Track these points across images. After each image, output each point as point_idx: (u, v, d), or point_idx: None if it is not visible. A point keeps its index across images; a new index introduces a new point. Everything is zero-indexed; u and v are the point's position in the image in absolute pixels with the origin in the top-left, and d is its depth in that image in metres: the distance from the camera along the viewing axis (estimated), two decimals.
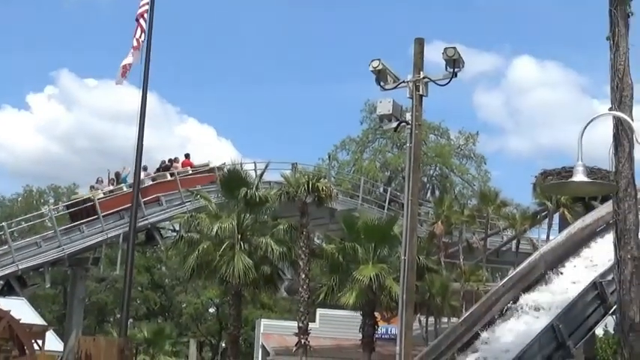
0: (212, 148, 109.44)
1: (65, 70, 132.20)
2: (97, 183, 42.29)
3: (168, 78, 76.16)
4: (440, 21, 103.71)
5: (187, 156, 44.58)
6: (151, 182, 41.27)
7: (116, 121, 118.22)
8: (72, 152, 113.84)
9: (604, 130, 16.28)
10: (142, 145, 32.57)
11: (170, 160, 43.43)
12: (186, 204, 40.65)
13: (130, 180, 39.36)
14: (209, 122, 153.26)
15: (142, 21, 35.03)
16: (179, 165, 42.89)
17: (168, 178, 41.35)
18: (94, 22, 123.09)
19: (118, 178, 41.97)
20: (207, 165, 43.11)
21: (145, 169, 40.91)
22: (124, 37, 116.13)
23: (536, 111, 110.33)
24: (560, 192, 23.93)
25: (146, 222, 40.15)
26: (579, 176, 11.22)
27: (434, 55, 21.46)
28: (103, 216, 39.09)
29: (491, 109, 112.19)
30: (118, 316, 67.13)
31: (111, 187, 41.41)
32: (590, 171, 13.27)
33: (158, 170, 42.71)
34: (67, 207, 41.36)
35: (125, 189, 40.24)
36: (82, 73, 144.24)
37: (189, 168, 42.91)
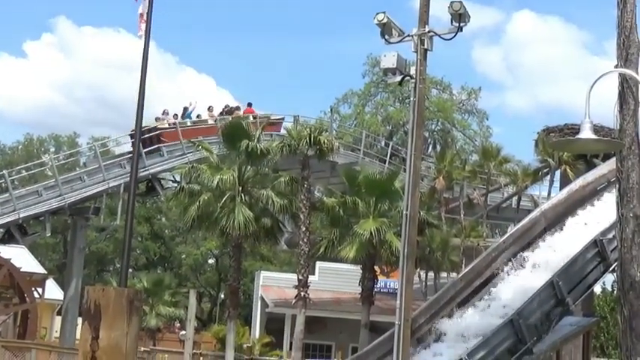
0: (211, 99, 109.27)
1: (62, 17, 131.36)
2: (162, 114, 43.37)
3: (167, 26, 75.92)
4: None
5: (250, 105, 45.98)
6: (212, 122, 42.57)
7: (115, 70, 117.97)
8: (71, 101, 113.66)
9: (607, 88, 16.18)
10: (143, 95, 32.40)
11: (234, 108, 45.12)
12: (188, 155, 40.63)
13: (194, 116, 42.78)
14: (208, 72, 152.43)
15: None
16: (240, 113, 43.97)
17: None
18: None
19: (184, 113, 43.58)
20: (269, 117, 43.86)
21: (211, 109, 43.81)
22: None
23: (536, 67, 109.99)
24: (564, 148, 23.87)
25: (147, 172, 40.18)
26: (586, 133, 11.15)
27: (434, 9, 21.27)
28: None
29: (491, 64, 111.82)
30: (118, 265, 67.45)
31: (174, 120, 42.74)
32: (594, 128, 13.19)
33: (221, 114, 43.83)
34: (131, 136, 41.73)
35: (189, 123, 42.11)
36: (80, 21, 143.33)
37: (250, 115, 43.88)
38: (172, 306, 49.60)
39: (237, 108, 44.85)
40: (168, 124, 42.38)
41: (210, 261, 79.35)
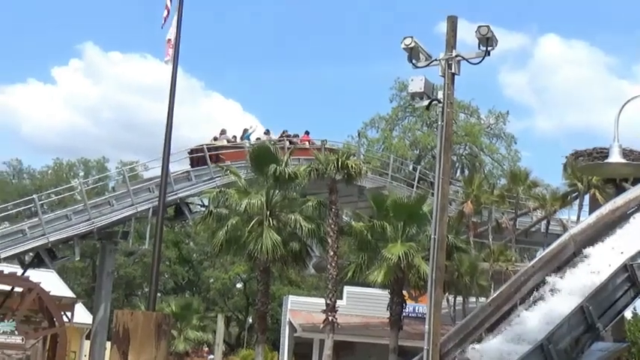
0: (238, 124, 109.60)
1: (90, 44, 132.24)
2: (220, 134, 44.02)
3: (192, 51, 76.39)
4: (465, 0, 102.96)
5: (307, 133, 46.63)
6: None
7: (141, 95, 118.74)
8: (98, 125, 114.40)
9: (637, 111, 16.09)
10: (171, 119, 32.52)
11: (292, 135, 45.77)
12: (216, 179, 40.73)
13: (253, 138, 43.23)
14: (234, 97, 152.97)
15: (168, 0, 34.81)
16: (297, 141, 44.95)
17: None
18: None
19: (244, 134, 44.07)
20: (325, 142, 44.33)
21: (268, 133, 44.68)
22: (147, 10, 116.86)
23: (562, 90, 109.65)
24: (593, 172, 23.77)
25: (175, 197, 40.27)
26: (615, 157, 11.08)
27: (460, 33, 21.27)
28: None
29: (517, 88, 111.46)
30: (146, 289, 67.58)
31: (233, 141, 43.45)
32: (623, 152, 13.10)
33: (280, 138, 44.45)
34: (191, 151, 42.61)
35: (247, 144, 42.19)
36: (107, 47, 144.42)
37: (306, 142, 44.89)
38: (200, 330, 49.58)
39: (296, 135, 45.51)
40: (227, 141, 43.17)
41: (238, 285, 79.32)
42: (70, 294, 53.75)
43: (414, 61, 21.13)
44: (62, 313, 39.70)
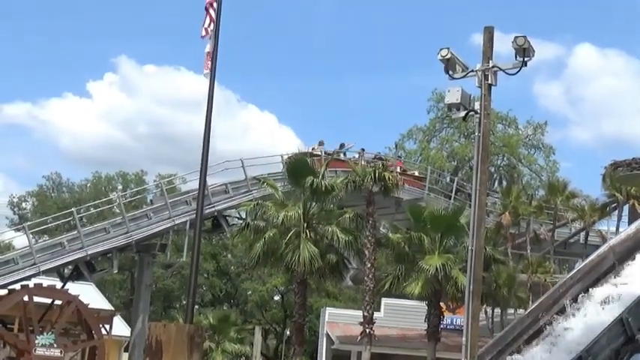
0: (274, 135, 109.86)
1: (124, 57, 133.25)
2: (318, 145, 44.68)
3: (228, 64, 76.77)
4: (498, 11, 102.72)
5: (400, 157, 51.01)
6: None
7: (176, 108, 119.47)
8: (133, 139, 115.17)
9: None
10: (209, 132, 32.71)
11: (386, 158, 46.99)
12: (253, 192, 40.84)
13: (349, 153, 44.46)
14: (270, 110, 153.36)
15: (211, 10, 35.01)
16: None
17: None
18: (150, 7, 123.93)
19: (340, 148, 44.92)
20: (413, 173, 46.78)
21: (363, 151, 45.30)
22: (179, 22, 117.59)
23: (598, 100, 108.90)
24: (632, 183, 23.60)
25: (213, 209, 40.41)
26: None
27: (495, 44, 21.23)
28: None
29: (553, 98, 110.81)
30: (184, 302, 67.76)
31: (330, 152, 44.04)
32: None
33: (374, 158, 45.15)
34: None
35: (342, 157, 43.28)
36: (141, 60, 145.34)
37: (398, 167, 45.64)
38: (238, 342, 49.56)
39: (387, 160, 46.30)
40: (326, 153, 43.75)
41: (276, 297, 79.39)
42: (108, 306, 54.08)
43: (450, 72, 21.14)
44: (100, 325, 39.98)
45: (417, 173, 47.43)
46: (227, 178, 42.93)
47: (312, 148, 44.26)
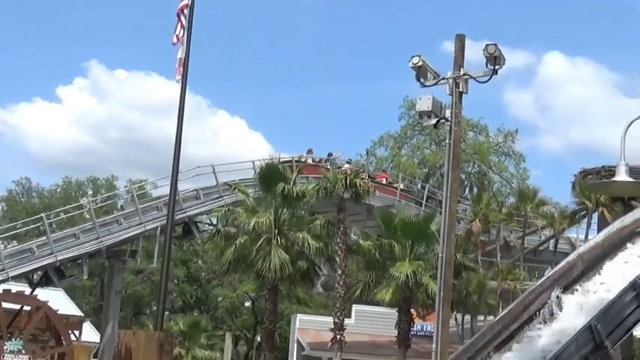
0: (244, 141, 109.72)
1: (94, 62, 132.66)
2: (307, 153, 45.77)
3: (199, 70, 76.47)
4: (468, 19, 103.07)
5: (384, 170, 51.46)
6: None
7: (147, 113, 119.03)
8: (104, 143, 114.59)
9: None
10: (180, 138, 32.68)
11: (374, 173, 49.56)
12: (224, 198, 40.80)
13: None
14: (240, 115, 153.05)
15: (182, 17, 34.97)
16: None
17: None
18: (121, 12, 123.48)
19: (328, 157, 45.90)
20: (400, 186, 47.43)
21: (350, 162, 46.62)
22: (149, 28, 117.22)
23: (568, 109, 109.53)
24: (601, 191, 23.73)
25: (184, 215, 40.32)
26: (622, 175, 11.10)
27: (467, 51, 21.35)
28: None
29: (523, 106, 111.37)
30: (154, 308, 67.56)
31: (317, 159, 45.37)
32: (632, 170, 13.11)
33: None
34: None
35: (329, 166, 43.68)
36: (112, 65, 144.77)
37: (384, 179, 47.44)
38: (208, 349, 49.45)
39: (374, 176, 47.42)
40: (312, 161, 44.54)
41: (247, 304, 79.24)
42: (77, 312, 53.74)
43: (421, 80, 21.20)
44: (70, 331, 39.74)
45: (402, 186, 47.76)
46: (198, 183, 42.90)
47: (301, 156, 44.47)
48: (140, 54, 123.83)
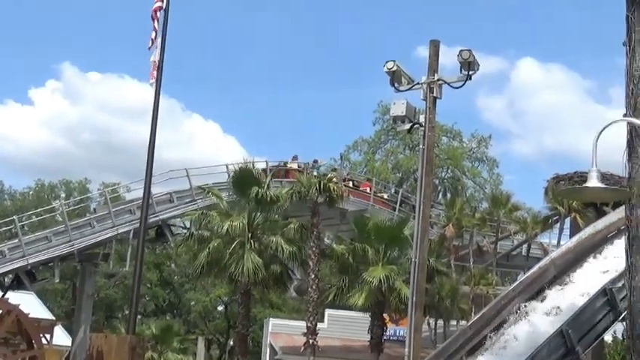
0: (218, 145, 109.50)
1: (67, 64, 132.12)
2: (292, 159, 46.04)
3: (173, 73, 76.20)
4: (443, 25, 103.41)
5: (370, 180, 50.81)
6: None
7: (120, 116, 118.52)
8: (77, 146, 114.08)
9: (616, 135, 16.19)
10: (154, 141, 32.62)
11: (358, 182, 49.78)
12: (198, 201, 40.73)
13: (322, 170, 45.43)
14: (214, 119, 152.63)
15: (155, 22, 34.90)
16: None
17: None
18: (94, 15, 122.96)
19: (314, 164, 46.24)
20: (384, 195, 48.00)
21: (335, 170, 47.51)
22: (123, 30, 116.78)
23: (541, 114, 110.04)
24: (574, 197, 23.86)
25: (157, 218, 40.24)
26: (594, 182, 11.15)
27: (441, 57, 21.46)
28: None
29: (496, 112, 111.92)
30: (127, 312, 67.30)
31: (302, 166, 45.29)
32: (603, 176, 13.19)
33: (344, 180, 46.30)
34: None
35: (315, 173, 43.42)
36: (85, 68, 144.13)
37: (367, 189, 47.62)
38: (181, 353, 49.27)
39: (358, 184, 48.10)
40: (298, 167, 44.59)
41: (220, 308, 79.13)
42: (49, 316, 53.49)
43: (396, 85, 21.29)
44: (41, 335, 39.43)
45: (385, 196, 48.05)
46: (172, 187, 42.83)
47: (286, 163, 44.61)
48: (113, 56, 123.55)
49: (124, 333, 35.06)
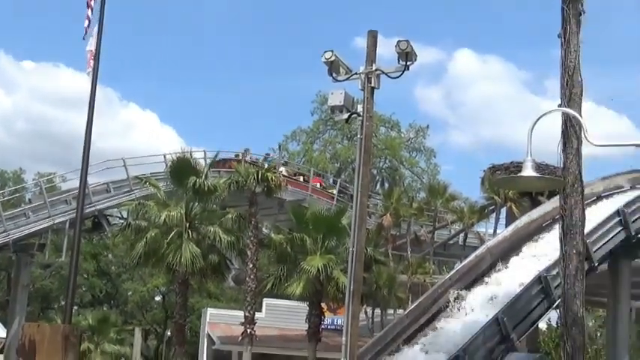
0: (155, 135, 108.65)
1: (1, 52, 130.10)
2: (244, 152, 46.77)
3: (109, 62, 74.81)
4: (381, 15, 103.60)
5: (319, 175, 52.57)
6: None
7: (56, 105, 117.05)
8: (11, 135, 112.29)
9: (551, 125, 16.40)
10: (91, 131, 32.28)
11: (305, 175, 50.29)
12: (135, 191, 40.51)
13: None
14: (151, 108, 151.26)
15: (89, 11, 34.46)
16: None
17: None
18: (27, 2, 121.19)
19: (266, 158, 47.81)
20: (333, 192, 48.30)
21: (286, 164, 49.11)
22: (58, 18, 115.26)
23: (477, 105, 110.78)
24: (509, 186, 24.17)
25: (93, 209, 39.93)
26: (528, 171, 11.30)
27: (379, 47, 21.54)
28: None
29: (433, 103, 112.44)
30: (63, 303, 66.68)
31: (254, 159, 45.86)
32: (539, 166, 13.36)
33: (295, 175, 48.30)
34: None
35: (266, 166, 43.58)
36: (19, 56, 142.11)
37: (318, 184, 48.44)
38: (118, 344, 49.09)
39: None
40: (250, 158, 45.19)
41: (157, 298, 78.64)
42: None
43: (334, 75, 21.28)
44: None
45: (334, 192, 48.20)
46: (108, 177, 42.47)
47: (236, 154, 44.65)
48: (48, 45, 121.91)
49: (60, 324, 34.84)
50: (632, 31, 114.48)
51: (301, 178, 46.18)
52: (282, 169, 44.95)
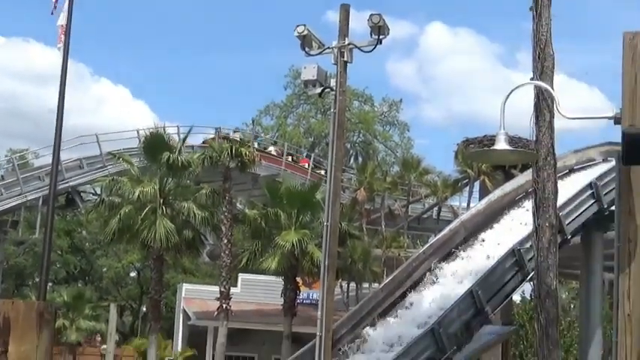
0: (128, 110, 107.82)
1: None
2: (233, 132, 47.52)
3: (80, 36, 73.87)
4: None
5: (308, 156, 53.02)
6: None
7: (26, 81, 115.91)
8: None
9: (524, 100, 16.45)
10: (62, 107, 32.11)
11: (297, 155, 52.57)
12: (108, 167, 40.37)
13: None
14: (123, 84, 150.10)
15: None
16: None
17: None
18: None
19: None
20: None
21: (276, 144, 50.08)
22: None
23: (449, 79, 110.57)
24: (482, 159, 24.20)
25: (67, 185, 39.78)
26: (501, 144, 11.31)
27: (352, 21, 21.51)
28: None
29: (405, 77, 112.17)
30: (37, 280, 66.49)
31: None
32: (511, 140, 13.40)
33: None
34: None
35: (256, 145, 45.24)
36: None
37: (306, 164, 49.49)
38: (93, 320, 48.93)
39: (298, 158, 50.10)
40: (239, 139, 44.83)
41: (132, 274, 78.52)
42: None
43: (306, 49, 21.23)
44: None
45: (323, 172, 48.13)
46: (81, 153, 42.28)
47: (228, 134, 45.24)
48: (18, 20, 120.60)
49: (35, 300, 34.75)
50: (603, 7, 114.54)
51: (290, 158, 46.38)
52: (271, 148, 45.14)
